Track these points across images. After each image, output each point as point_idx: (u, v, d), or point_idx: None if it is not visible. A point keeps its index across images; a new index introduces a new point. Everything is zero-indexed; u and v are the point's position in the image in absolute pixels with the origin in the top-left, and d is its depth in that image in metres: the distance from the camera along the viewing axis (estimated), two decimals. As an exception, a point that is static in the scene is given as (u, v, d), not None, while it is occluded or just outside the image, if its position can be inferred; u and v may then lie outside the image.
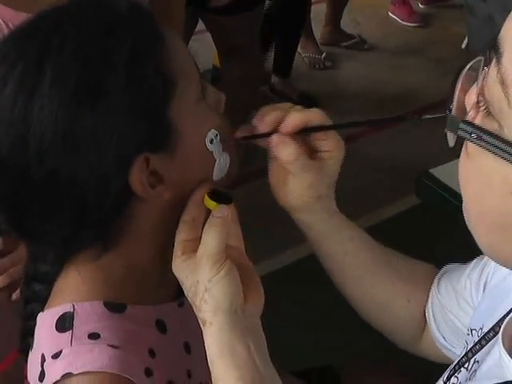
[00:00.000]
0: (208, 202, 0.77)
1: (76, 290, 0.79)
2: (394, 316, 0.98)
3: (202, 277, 0.73)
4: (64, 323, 0.75)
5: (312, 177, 0.85)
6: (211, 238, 0.74)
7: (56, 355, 0.74)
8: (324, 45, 3.64)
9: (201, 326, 0.74)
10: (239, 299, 0.74)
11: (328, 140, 0.85)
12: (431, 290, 0.96)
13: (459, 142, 0.61)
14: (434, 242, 2.29)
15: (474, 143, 0.57)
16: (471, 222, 0.63)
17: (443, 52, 3.65)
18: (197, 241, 0.75)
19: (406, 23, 4.03)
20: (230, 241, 0.76)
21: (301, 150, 0.83)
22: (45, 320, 0.78)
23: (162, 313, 0.83)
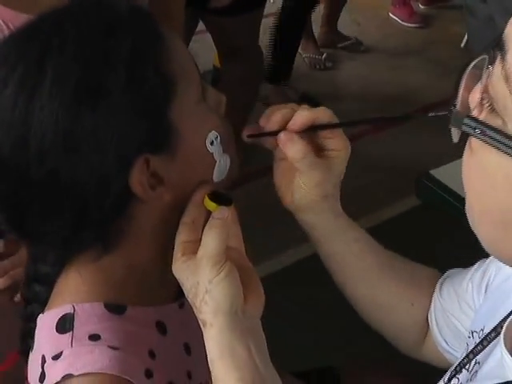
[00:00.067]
0: (208, 204, 0.77)
1: (76, 291, 0.79)
2: (397, 320, 0.98)
3: (203, 278, 0.73)
4: (64, 324, 0.75)
5: (319, 175, 0.85)
6: (211, 240, 0.74)
7: (56, 356, 0.74)
8: (320, 46, 3.64)
9: (201, 327, 0.74)
10: (239, 300, 0.74)
11: (335, 139, 0.85)
12: (434, 294, 0.96)
13: (463, 139, 0.62)
14: (435, 243, 2.29)
15: (478, 138, 0.57)
16: (474, 220, 0.63)
17: (443, 52, 3.65)
18: (197, 242, 0.75)
19: (407, 24, 4.03)
20: (231, 242, 0.76)
21: (308, 148, 0.83)
22: (45, 321, 0.78)
23: (163, 314, 0.83)
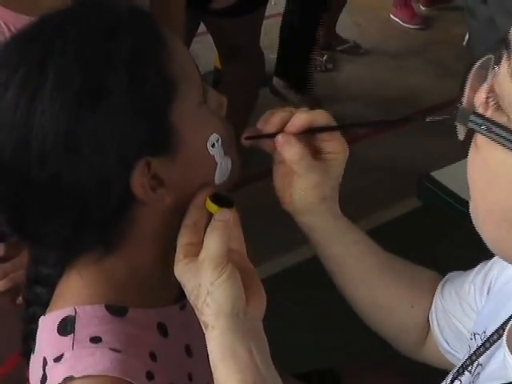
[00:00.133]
0: (210, 206, 0.77)
1: (78, 294, 0.78)
2: (398, 321, 0.98)
3: (204, 280, 0.73)
4: (66, 327, 0.75)
5: (317, 177, 0.85)
6: (213, 242, 0.74)
7: (58, 359, 0.74)
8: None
9: (203, 329, 0.74)
10: (241, 302, 0.74)
11: (333, 141, 0.86)
12: (435, 296, 0.96)
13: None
14: (435, 244, 2.29)
15: (484, 135, 0.58)
16: (478, 220, 0.63)
17: (444, 54, 3.65)
18: (199, 244, 0.75)
19: (408, 25, 4.03)
20: (232, 244, 0.76)
21: (306, 150, 0.83)
22: (46, 323, 0.78)
23: (164, 316, 0.83)
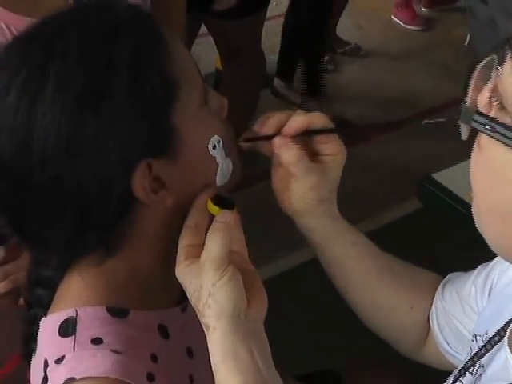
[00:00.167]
0: (211, 208, 0.77)
1: (79, 295, 0.79)
2: (397, 322, 0.98)
3: (206, 282, 0.73)
4: (67, 328, 0.75)
5: (314, 179, 0.85)
6: (214, 243, 0.74)
7: (59, 360, 0.74)
8: None
9: (204, 331, 0.74)
10: (242, 304, 0.74)
11: (330, 144, 0.86)
12: (435, 296, 0.96)
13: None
14: (436, 245, 2.29)
15: (487, 135, 0.58)
16: (480, 219, 0.63)
17: (446, 55, 3.65)
18: (200, 246, 0.75)
19: (409, 27, 4.03)
20: (233, 246, 0.76)
21: (303, 152, 0.83)
22: (48, 325, 0.78)
23: (165, 318, 0.83)
